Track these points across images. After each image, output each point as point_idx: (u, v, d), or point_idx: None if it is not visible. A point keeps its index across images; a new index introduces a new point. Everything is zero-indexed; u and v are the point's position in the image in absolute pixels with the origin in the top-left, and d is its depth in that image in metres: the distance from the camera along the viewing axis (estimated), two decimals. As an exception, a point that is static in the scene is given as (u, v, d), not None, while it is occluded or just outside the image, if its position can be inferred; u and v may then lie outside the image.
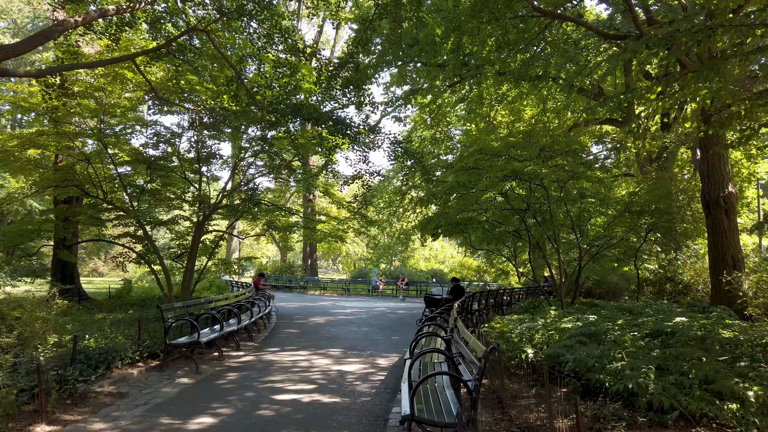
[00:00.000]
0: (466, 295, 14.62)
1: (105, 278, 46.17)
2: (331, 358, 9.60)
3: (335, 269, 65.59)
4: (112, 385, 7.14)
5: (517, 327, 8.13)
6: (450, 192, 12.54)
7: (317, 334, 12.84)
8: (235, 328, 10.31)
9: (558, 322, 7.84)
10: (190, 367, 8.48)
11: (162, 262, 15.56)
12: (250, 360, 9.37)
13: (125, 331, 9.23)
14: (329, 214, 23.31)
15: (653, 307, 10.70)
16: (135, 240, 16.44)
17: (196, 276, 16.47)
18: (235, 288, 23.17)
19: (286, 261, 44.22)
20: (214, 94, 12.90)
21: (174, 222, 16.94)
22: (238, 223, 42.01)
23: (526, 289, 22.33)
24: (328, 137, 13.56)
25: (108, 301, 18.69)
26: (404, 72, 23.01)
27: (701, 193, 13.24)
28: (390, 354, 10.22)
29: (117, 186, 15.90)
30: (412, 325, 15.28)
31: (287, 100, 12.14)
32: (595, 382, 5.68)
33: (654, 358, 6.01)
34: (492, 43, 13.38)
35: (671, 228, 15.00)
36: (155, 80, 14.89)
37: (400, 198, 35.05)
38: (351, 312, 18.77)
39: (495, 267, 40.08)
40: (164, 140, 15.73)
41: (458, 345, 5.62)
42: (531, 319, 8.49)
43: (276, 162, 16.29)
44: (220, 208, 16.79)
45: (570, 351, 6.41)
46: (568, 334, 7.28)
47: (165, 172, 16.00)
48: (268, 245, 58.44)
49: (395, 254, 48.47)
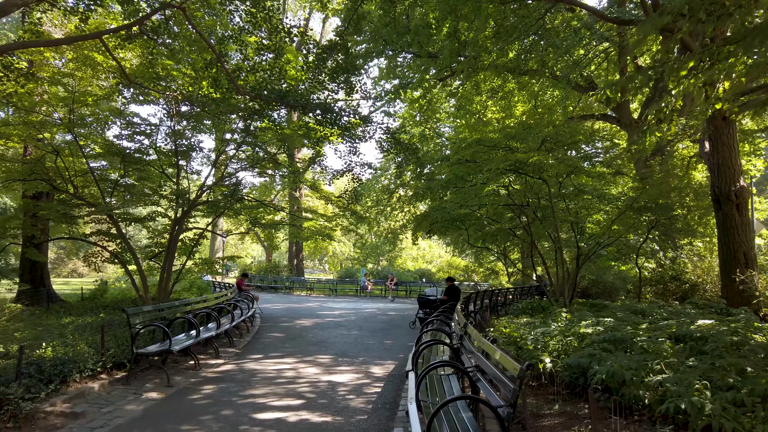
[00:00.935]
0: (463, 296, 13.83)
1: (84, 279, 44.70)
2: (320, 367, 8.69)
3: (321, 269, 64.57)
4: (67, 402, 6.16)
5: (528, 332, 7.30)
6: (447, 186, 11.68)
7: (304, 339, 11.91)
8: (214, 333, 9.34)
9: (574, 326, 7.02)
10: (161, 379, 7.52)
11: (137, 261, 14.53)
12: (230, 369, 8.42)
13: (89, 338, 8.25)
14: (316, 211, 22.32)
15: (666, 309, 9.95)
16: (109, 238, 15.39)
17: (175, 276, 15.45)
18: (217, 289, 22.11)
19: (271, 261, 43.18)
20: (192, 80, 11.91)
21: (151, 219, 15.91)
22: (222, 221, 40.89)
23: (520, 289, 21.61)
24: (316, 127, 12.63)
25: (80, 303, 17.57)
26: (394, 64, 22.12)
27: (711, 188, 12.55)
28: (385, 361, 9.34)
29: (89, 181, 14.81)
30: (404, 327, 14.43)
31: (271, 85, 11.20)
32: (633, 399, 4.85)
33: (694, 369, 5.20)
34: (490, 28, 12.56)
35: (672, 225, 14.29)
36: (130, 67, 13.85)
37: (388, 197, 34.23)
38: (339, 314, 17.85)
39: (484, 266, 39.51)
40: (140, 131, 14.70)
41: (474, 357, 4.76)
42: (542, 322, 7.68)
43: (260, 155, 15.32)
44: (199, 204, 15.78)
45: (596, 361, 5.59)
46: (588, 341, 6.46)
47: (141, 165, 14.98)
48: (253, 245, 57.22)
49: (383, 254, 47.64)
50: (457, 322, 7.38)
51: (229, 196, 15.50)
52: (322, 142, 13.09)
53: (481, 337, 4.73)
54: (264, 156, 15.06)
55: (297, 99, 11.24)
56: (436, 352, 6.99)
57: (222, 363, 8.92)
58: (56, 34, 16.63)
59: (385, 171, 36.50)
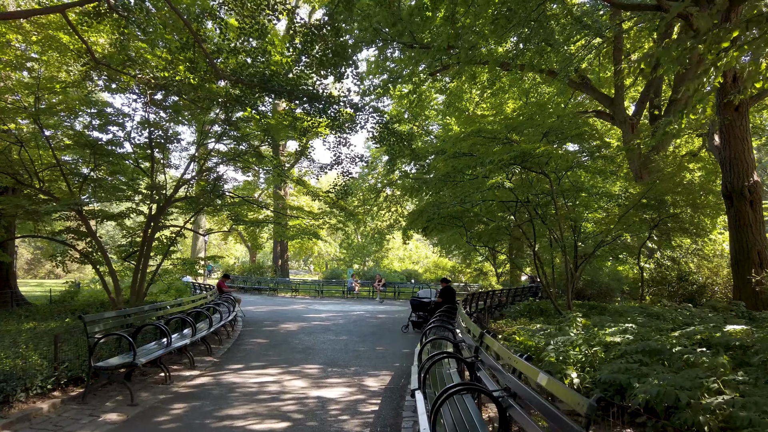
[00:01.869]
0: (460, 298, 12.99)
1: (61, 280, 43.05)
2: (307, 379, 7.76)
3: (306, 270, 63.47)
4: (7, 428, 5.17)
5: (543, 339, 6.45)
6: (444, 180, 10.81)
7: (289, 345, 10.96)
8: (188, 341, 8.34)
9: (597, 334, 6.18)
10: (125, 396, 6.53)
11: (108, 261, 13.46)
12: (205, 383, 7.46)
13: (45, 348, 7.22)
14: (303, 208, 21.32)
15: (682, 312, 9.20)
16: (78, 237, 14.28)
17: (149, 278, 14.40)
18: (197, 290, 21.00)
19: (255, 261, 42.02)
20: (167, 63, 10.89)
21: (124, 216, 14.83)
22: (205, 221, 39.64)
23: (513, 290, 20.83)
24: (303, 117, 11.69)
25: (48, 306, 16.39)
26: (384, 57, 21.28)
27: (722, 183, 11.86)
28: (379, 371, 8.43)
29: (58, 175, 13.69)
30: (396, 332, 13.56)
31: (254, 68, 10.24)
32: (691, 425, 4.01)
33: (757, 387, 4.40)
34: (490, 10, 11.74)
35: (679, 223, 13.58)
36: (101, 52, 12.79)
37: (375, 196, 33.34)
38: (326, 317, 16.91)
39: (471, 267, 38.82)
40: (112, 121, 13.63)
41: (500, 376, 3.88)
42: (558, 329, 6.85)
43: (242, 148, 14.31)
44: (177, 201, 14.75)
45: (635, 376, 4.76)
46: (617, 351, 5.63)
47: (114, 158, 13.92)
48: (236, 245, 55.92)
49: (369, 254, 46.73)
50: (466, 329, 6.49)
51: (209, 192, 14.48)
52: (309, 134, 12.13)
53: (509, 353, 3.86)
54: (246, 149, 14.06)
55: (282, 85, 10.29)
56: (441, 363, 6.10)
57: (197, 375, 7.95)
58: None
59: (372, 170, 35.64)
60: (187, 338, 8.53)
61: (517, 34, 14.55)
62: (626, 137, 18.82)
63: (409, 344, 11.51)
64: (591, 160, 13.91)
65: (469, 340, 5.89)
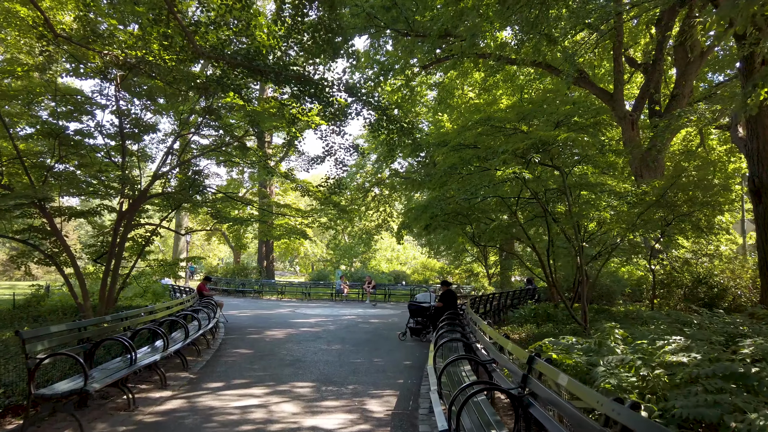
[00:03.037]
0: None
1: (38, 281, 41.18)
2: (298, 402, 6.59)
3: (292, 271, 62.11)
4: None
5: (582, 356, 5.37)
6: (450, 172, 9.72)
7: (276, 357, 9.78)
8: (158, 357, 7.12)
9: (655, 351, 5.11)
10: (74, 429, 5.32)
11: (74, 262, 12.18)
12: (177, 408, 6.26)
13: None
14: (290, 206, 20.08)
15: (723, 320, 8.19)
16: (41, 235, 12.96)
17: (121, 281, 13.12)
18: (177, 294, 19.65)
19: (239, 262, 40.59)
20: (138, 39, 9.65)
21: (95, 213, 13.54)
22: (187, 220, 38.12)
23: (513, 293, 19.85)
24: (291, 103, 10.52)
25: (11, 312, 14.97)
26: (377, 46, 20.19)
27: (749, 178, 10.92)
28: (382, 390, 7.29)
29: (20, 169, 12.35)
30: (393, 339, 12.45)
31: (238, 43, 9.06)
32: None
33: None
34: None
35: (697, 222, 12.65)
36: (69, 31, 11.48)
37: (363, 195, 32.26)
38: (316, 322, 15.72)
39: (460, 269, 37.88)
40: (80, 109, 12.36)
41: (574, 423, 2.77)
42: (599, 344, 5.77)
43: (225, 139, 13.07)
44: (152, 196, 13.48)
45: (728, 412, 3.70)
46: (684, 374, 4.56)
47: (84, 150, 12.67)
48: (220, 246, 54.28)
49: (356, 255, 45.53)
50: (496, 346, 5.34)
51: (188, 187, 13.23)
52: (298, 122, 10.95)
53: (598, 395, 2.77)
54: (229, 140, 12.84)
55: (269, 65, 9.11)
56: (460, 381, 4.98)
57: (168, 397, 6.75)
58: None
59: (360, 168, 34.55)
60: (158, 353, 7.31)
61: (523, 18, 13.55)
62: (626, 134, 17.96)
63: (409, 354, 10.40)
64: (600, 154, 12.99)
65: (507, 362, 4.74)
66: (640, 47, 24.09)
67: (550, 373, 3.50)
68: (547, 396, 3.35)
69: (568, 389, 3.25)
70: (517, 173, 7.67)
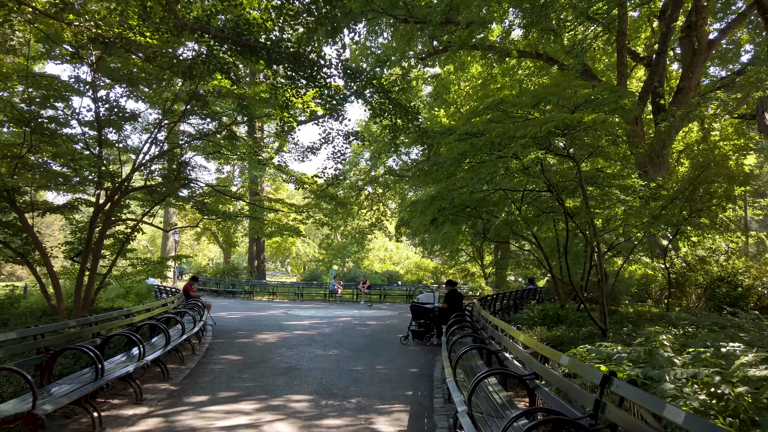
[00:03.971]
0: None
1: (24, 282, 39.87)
2: (295, 420, 5.67)
3: (284, 271, 60.99)
4: None
5: (634, 370, 4.52)
6: (459, 161, 8.84)
7: (269, 364, 8.85)
8: (131, 369, 6.16)
9: (715, 360, 4.26)
10: (23, 461, 4.38)
11: (47, 261, 11.19)
12: (151, 429, 5.31)
13: None
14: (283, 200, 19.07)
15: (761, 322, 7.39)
16: (11, 231, 11.95)
17: (99, 281, 12.13)
18: (163, 295, 18.63)
19: (230, 262, 39.52)
20: (112, 12, 8.69)
21: (71, 207, 12.56)
22: (176, 218, 36.96)
23: (515, 293, 19.04)
24: (285, 86, 9.60)
25: (-18, 314, 13.90)
26: (373, 33, 19.29)
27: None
28: (389, 404, 6.39)
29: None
30: (394, 343, 11.57)
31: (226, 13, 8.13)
32: None
33: None
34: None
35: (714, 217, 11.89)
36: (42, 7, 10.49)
37: (356, 193, 31.38)
38: (310, 324, 14.80)
39: (454, 269, 37.09)
40: (54, 94, 11.36)
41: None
42: (648, 353, 4.91)
43: (211, 127, 12.11)
44: (133, 190, 12.50)
45: None
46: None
47: (57, 138, 11.66)
48: (210, 245, 53.07)
49: (349, 255, 44.58)
50: (540, 358, 4.43)
51: (173, 180, 12.26)
52: (292, 107, 10.02)
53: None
54: (217, 128, 11.89)
55: (260, 42, 8.20)
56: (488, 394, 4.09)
57: (143, 414, 5.80)
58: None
59: (353, 166, 33.65)
60: (132, 363, 6.37)
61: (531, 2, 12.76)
62: (630, 128, 17.26)
63: (413, 361, 9.51)
64: (614, 145, 12.21)
65: (562, 380, 3.83)
66: (642, 41, 23.52)
67: (644, 401, 2.62)
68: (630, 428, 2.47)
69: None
70: (540, 158, 6.82)
